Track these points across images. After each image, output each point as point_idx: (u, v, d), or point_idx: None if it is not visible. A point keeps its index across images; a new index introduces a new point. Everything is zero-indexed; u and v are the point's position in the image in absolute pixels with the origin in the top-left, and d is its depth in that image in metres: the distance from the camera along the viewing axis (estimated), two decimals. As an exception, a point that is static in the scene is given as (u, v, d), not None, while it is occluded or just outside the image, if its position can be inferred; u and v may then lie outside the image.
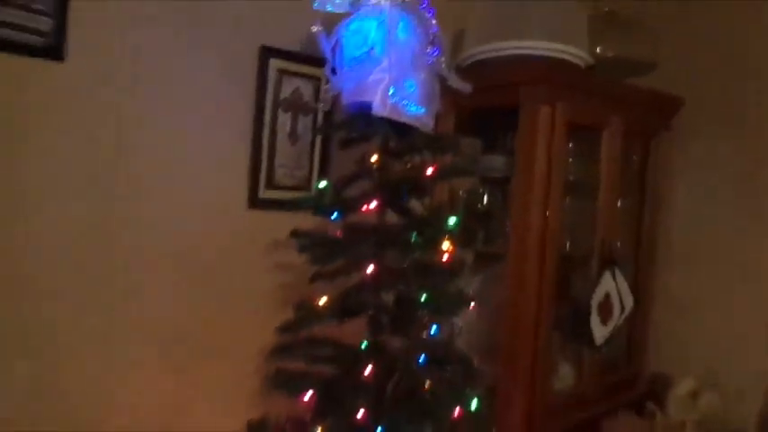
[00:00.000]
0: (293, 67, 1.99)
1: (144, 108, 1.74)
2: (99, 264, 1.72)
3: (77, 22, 1.59)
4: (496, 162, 2.30)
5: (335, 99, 1.55)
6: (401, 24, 1.53)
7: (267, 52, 1.94)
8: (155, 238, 1.80)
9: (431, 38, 1.60)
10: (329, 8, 1.53)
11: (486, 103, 2.24)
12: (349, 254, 1.51)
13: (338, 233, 1.56)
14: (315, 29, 1.46)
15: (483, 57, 2.21)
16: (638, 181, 2.57)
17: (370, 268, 1.48)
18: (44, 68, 1.56)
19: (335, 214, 1.53)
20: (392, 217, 1.57)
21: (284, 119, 2.01)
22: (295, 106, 2.01)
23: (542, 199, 2.10)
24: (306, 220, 1.65)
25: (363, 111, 1.46)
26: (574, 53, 2.13)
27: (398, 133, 1.56)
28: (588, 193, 2.35)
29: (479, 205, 2.36)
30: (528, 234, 2.10)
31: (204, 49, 1.83)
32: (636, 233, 2.56)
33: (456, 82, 1.58)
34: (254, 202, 1.96)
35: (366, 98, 1.45)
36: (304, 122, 2.03)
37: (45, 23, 1.54)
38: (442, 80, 1.61)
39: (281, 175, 2.01)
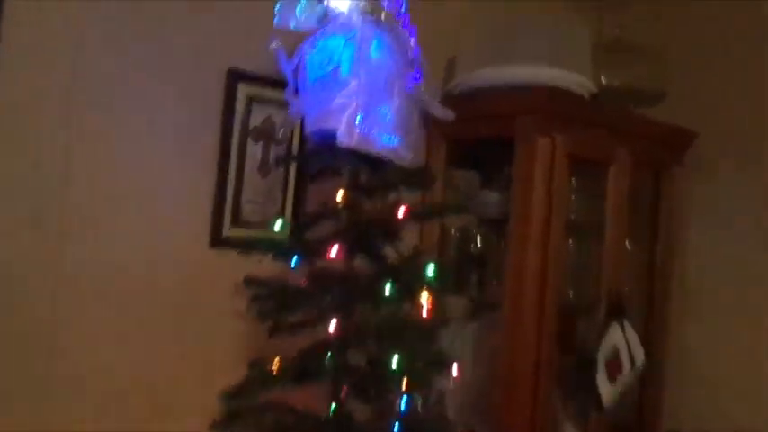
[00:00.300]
0: (265, 93, 1.79)
1: (93, 134, 1.55)
2: (38, 305, 1.51)
3: (11, 36, 1.42)
4: (491, 199, 2.10)
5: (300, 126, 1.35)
6: (375, 44, 1.34)
7: (235, 76, 1.75)
8: (103, 278, 1.60)
9: (411, 60, 1.41)
10: (292, 25, 1.35)
11: (480, 135, 2.06)
12: (312, 306, 1.30)
13: (302, 281, 1.35)
14: (273, 45, 1.27)
15: (475, 84, 2.02)
16: (648, 221, 2.34)
17: (334, 324, 1.26)
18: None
19: (295, 259, 1.32)
20: (364, 263, 1.36)
21: (254, 149, 1.81)
22: (266, 136, 1.82)
23: (541, 240, 1.89)
24: (273, 263, 1.44)
25: (328, 140, 1.27)
26: (575, 81, 1.94)
27: (371, 166, 1.36)
28: (593, 233, 2.13)
29: (472, 246, 2.14)
30: (525, 279, 1.89)
31: (163, 70, 1.65)
32: (647, 279, 2.32)
33: (437, 109, 1.39)
34: (217, 240, 1.76)
35: (330, 126, 1.25)
36: (277, 153, 1.83)
37: (-29, 39, 1.37)
38: (426, 108, 1.42)
39: (248, 210, 1.81)
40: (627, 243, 2.17)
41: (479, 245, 2.16)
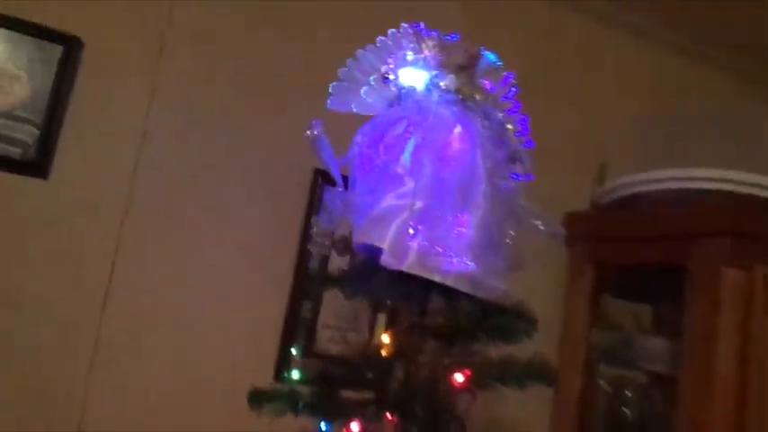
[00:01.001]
0: (358, 197, 1.48)
1: (146, 239, 1.34)
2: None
3: (72, 133, 1.28)
4: (656, 346, 1.50)
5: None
6: (458, 130, 0.96)
7: (322, 177, 1.47)
8: (142, 412, 1.32)
9: (511, 155, 1.00)
10: (354, 110, 1.03)
11: (641, 259, 1.52)
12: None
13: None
14: (311, 132, 0.95)
15: (636, 190, 1.52)
16: None
17: None
18: (22, 186, 1.25)
19: (323, 426, 0.91)
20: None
21: (339, 263, 1.47)
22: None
23: (732, 416, 1.27)
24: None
25: (374, 258, 0.88)
26: (783, 189, 1.35)
27: (445, 298, 0.93)
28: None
29: (628, 410, 1.54)
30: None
31: (237, 169, 1.42)
32: None
33: (542, 222, 0.94)
34: (284, 373, 1.41)
35: (372, 239, 0.87)
36: (365, 270, 1.47)
37: (29, 134, 1.25)
38: (527, 219, 0.98)
39: (326, 338, 1.45)
40: None
41: (638, 406, 1.54)
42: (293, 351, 1.45)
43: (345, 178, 0.99)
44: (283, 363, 1.42)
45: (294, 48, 1.47)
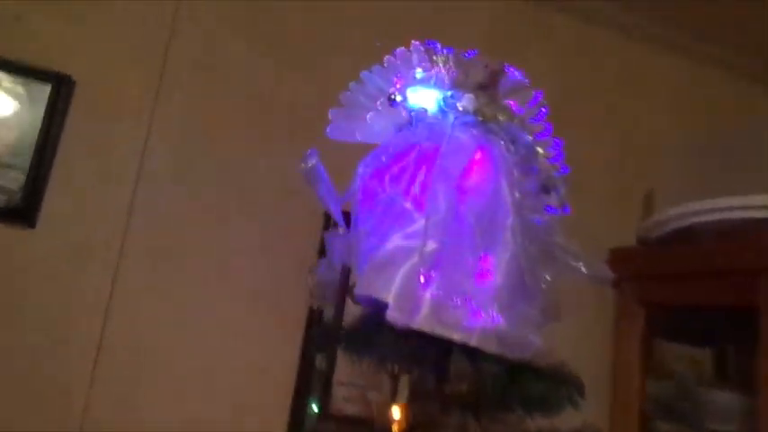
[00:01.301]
0: (375, 238, 1.32)
1: (142, 290, 1.20)
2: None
3: (62, 178, 1.17)
4: (722, 400, 1.29)
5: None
6: (478, 156, 0.81)
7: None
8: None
9: (544, 183, 0.84)
10: (359, 138, 0.89)
11: (700, 298, 1.32)
12: None
13: None
14: (306, 164, 0.81)
15: (691, 222, 1.33)
16: None
17: None
18: (7, 236, 1.14)
19: None
20: None
21: (356, 311, 1.31)
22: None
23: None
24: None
25: (379, 312, 0.72)
26: None
27: (468, 357, 0.76)
28: None
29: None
30: None
31: (242, 212, 1.29)
32: None
33: (584, 263, 0.77)
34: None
35: (375, 291, 0.71)
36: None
37: (14, 181, 1.14)
38: (566, 258, 0.81)
39: (342, 397, 1.28)
40: None
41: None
42: (314, 407, 1.30)
43: (347, 215, 0.85)
44: (296, 424, 1.25)
45: (301, 81, 1.35)
